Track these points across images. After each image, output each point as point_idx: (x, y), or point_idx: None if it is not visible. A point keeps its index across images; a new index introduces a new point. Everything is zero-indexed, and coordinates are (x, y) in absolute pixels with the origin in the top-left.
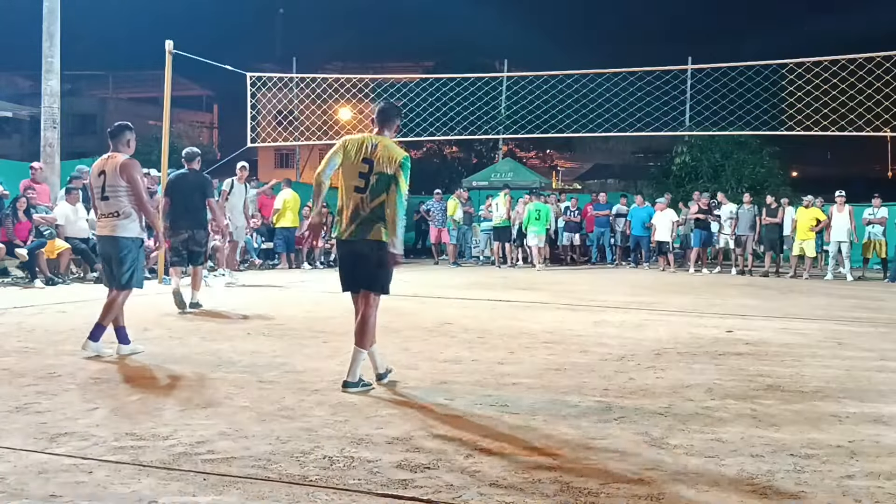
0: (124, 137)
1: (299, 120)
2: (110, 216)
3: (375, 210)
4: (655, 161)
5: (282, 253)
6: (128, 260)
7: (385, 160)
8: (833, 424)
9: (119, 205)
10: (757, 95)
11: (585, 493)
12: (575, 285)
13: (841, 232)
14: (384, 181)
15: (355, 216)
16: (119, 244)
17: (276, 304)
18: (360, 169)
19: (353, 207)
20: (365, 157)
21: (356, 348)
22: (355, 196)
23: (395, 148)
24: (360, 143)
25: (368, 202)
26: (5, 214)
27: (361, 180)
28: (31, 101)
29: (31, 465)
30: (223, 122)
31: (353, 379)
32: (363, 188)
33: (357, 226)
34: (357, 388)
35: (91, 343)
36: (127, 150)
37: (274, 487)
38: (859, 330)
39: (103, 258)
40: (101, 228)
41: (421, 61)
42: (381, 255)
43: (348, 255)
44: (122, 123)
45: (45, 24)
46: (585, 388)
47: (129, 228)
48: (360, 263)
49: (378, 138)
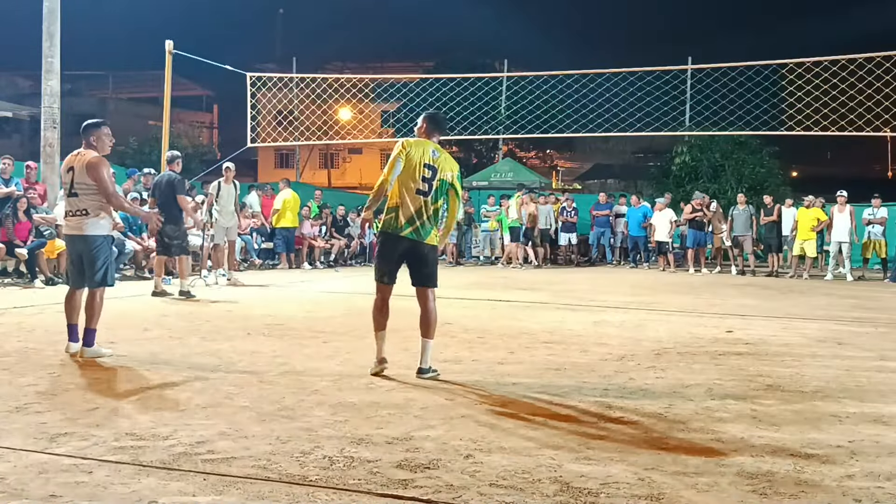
0: (91, 135)
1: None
2: (79, 214)
3: (435, 214)
4: (655, 161)
5: (282, 253)
6: (100, 258)
7: (447, 168)
8: (833, 424)
9: (87, 202)
10: (757, 95)
11: (585, 493)
12: (575, 285)
13: (842, 232)
14: (444, 187)
15: (416, 217)
16: (89, 242)
17: (276, 304)
18: (424, 173)
19: (414, 209)
20: (427, 162)
21: (424, 339)
22: (418, 198)
23: (451, 159)
24: (422, 148)
25: (431, 205)
26: (5, 214)
27: (425, 184)
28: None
29: (31, 465)
30: (223, 122)
31: (425, 366)
32: (426, 192)
33: (417, 227)
34: (429, 374)
35: (87, 349)
36: (100, 147)
37: (274, 487)
38: (859, 330)
39: (72, 257)
40: (70, 227)
41: (421, 61)
42: (434, 256)
43: (399, 251)
44: (92, 121)
45: (45, 24)
46: (585, 388)
47: (98, 226)
48: (416, 263)
49: (436, 146)
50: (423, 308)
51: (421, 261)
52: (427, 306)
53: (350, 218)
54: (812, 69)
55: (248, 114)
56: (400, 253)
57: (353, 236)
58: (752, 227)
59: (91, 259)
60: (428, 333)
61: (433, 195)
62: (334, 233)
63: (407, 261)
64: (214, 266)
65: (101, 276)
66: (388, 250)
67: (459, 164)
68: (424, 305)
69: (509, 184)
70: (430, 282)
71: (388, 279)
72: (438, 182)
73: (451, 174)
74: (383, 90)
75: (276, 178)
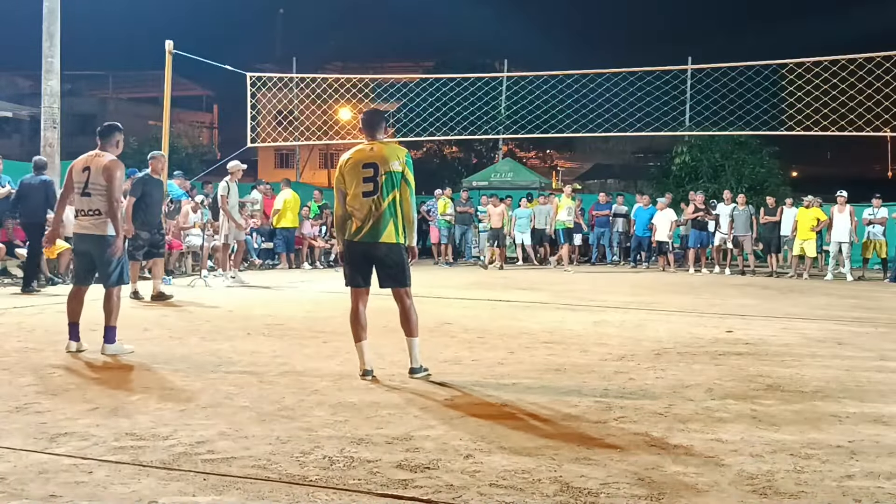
0: (113, 138)
1: (299, 120)
2: (92, 214)
3: (387, 209)
4: (655, 161)
5: (282, 253)
6: (114, 257)
7: (388, 158)
8: (833, 424)
9: (100, 203)
10: (757, 95)
11: (585, 493)
12: (575, 285)
13: (842, 232)
14: (394, 178)
15: (367, 218)
16: (101, 242)
17: (276, 304)
18: (365, 175)
19: (365, 211)
20: (366, 162)
21: (409, 338)
22: (366, 201)
23: (393, 146)
24: (356, 155)
25: (381, 202)
26: (5, 215)
27: (369, 184)
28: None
29: (32, 465)
30: (223, 122)
31: (416, 365)
32: (373, 191)
33: (370, 227)
34: (420, 373)
35: (108, 346)
36: (115, 150)
37: (274, 487)
38: (859, 330)
39: (81, 255)
40: (81, 227)
41: (421, 61)
42: (396, 255)
43: (360, 257)
44: (111, 123)
45: (45, 24)
46: (585, 388)
47: (111, 226)
48: (378, 265)
49: (373, 143)
50: (400, 308)
51: (381, 262)
52: (403, 305)
53: None
54: (812, 69)
55: (248, 114)
56: (360, 257)
57: None
58: (752, 227)
59: (106, 259)
60: (410, 332)
61: (382, 191)
62: (334, 233)
63: (373, 264)
64: (224, 266)
65: (118, 276)
66: (349, 256)
67: (459, 164)
68: (401, 305)
69: (509, 184)
70: (398, 282)
71: (354, 282)
72: (384, 176)
73: (398, 162)
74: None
75: (276, 178)
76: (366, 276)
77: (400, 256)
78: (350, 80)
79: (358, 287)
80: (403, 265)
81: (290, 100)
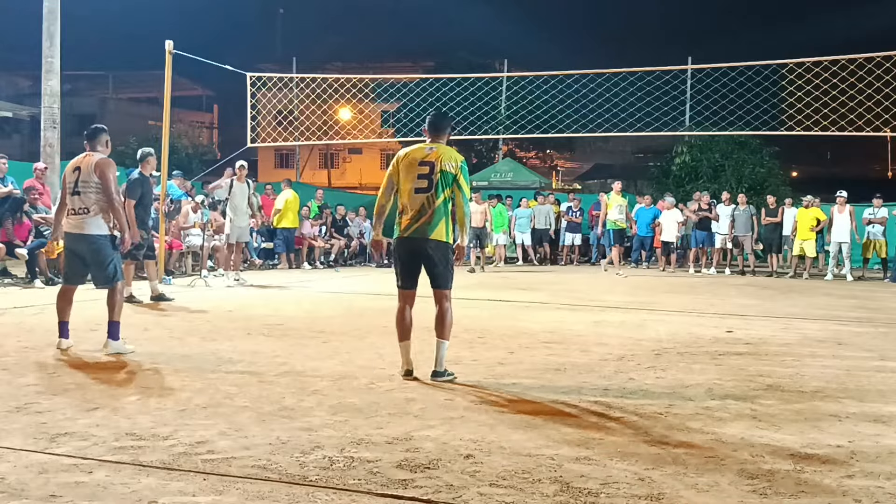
0: (101, 139)
1: (299, 120)
2: (80, 212)
3: (440, 207)
4: (655, 161)
5: (282, 253)
6: (106, 255)
7: (445, 160)
8: (833, 424)
9: (89, 201)
10: (757, 95)
11: (585, 493)
12: (575, 285)
13: (842, 232)
14: (448, 178)
15: (420, 215)
16: (90, 241)
17: (276, 304)
18: (420, 171)
19: (417, 207)
20: (423, 160)
21: (439, 340)
22: (419, 197)
23: (451, 151)
24: (414, 152)
25: (434, 199)
26: (5, 214)
27: (424, 181)
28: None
29: (32, 465)
30: (223, 122)
31: (440, 368)
32: (426, 188)
33: (421, 224)
34: (444, 377)
35: (112, 343)
36: (104, 150)
37: (274, 487)
38: (859, 330)
39: (71, 254)
40: (71, 225)
41: (421, 61)
42: (445, 254)
43: (410, 254)
44: (96, 126)
45: (46, 24)
46: (585, 388)
47: (99, 226)
48: (426, 263)
49: (433, 144)
50: (438, 309)
51: (429, 259)
52: (441, 307)
53: (349, 218)
54: (812, 69)
55: (249, 114)
56: (410, 255)
57: (352, 236)
58: (752, 228)
59: (98, 258)
60: (441, 333)
61: (435, 189)
62: (334, 233)
63: (421, 262)
64: (225, 266)
65: (113, 272)
66: (399, 255)
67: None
68: (439, 307)
69: (509, 184)
70: (441, 283)
71: (403, 283)
72: (439, 175)
73: (453, 165)
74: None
75: (276, 178)
76: (415, 278)
77: (447, 256)
78: (350, 80)
79: (407, 290)
80: (449, 266)
81: (290, 100)
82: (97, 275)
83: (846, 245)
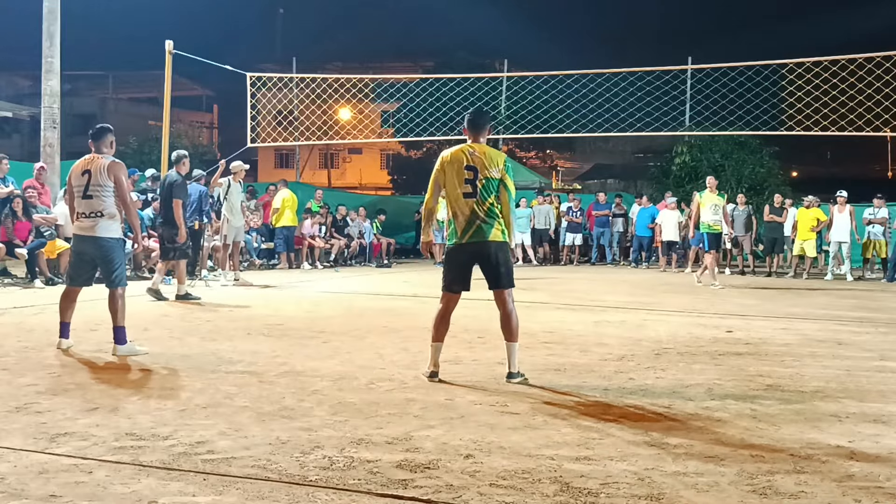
0: (106, 139)
1: (299, 120)
2: (93, 215)
3: (489, 211)
4: (655, 161)
5: (282, 253)
6: (115, 259)
7: (488, 163)
8: (833, 424)
9: (103, 204)
10: (757, 95)
11: (585, 493)
12: (575, 285)
13: (842, 232)
14: (492, 183)
15: (472, 221)
16: (103, 245)
17: (276, 303)
18: (466, 176)
19: (468, 212)
20: (467, 164)
21: (509, 343)
22: (467, 202)
23: (494, 151)
24: (458, 154)
25: (482, 204)
26: (5, 214)
27: (468, 186)
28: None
29: (32, 465)
30: (223, 122)
31: (514, 370)
32: (472, 193)
33: (476, 228)
34: (517, 378)
35: (120, 348)
36: (110, 151)
37: (274, 487)
38: (859, 330)
39: (80, 256)
40: (83, 228)
41: (421, 61)
42: (505, 253)
43: (468, 258)
44: (102, 126)
45: (45, 24)
46: (585, 388)
47: (112, 229)
48: (486, 265)
49: (475, 145)
50: (502, 311)
51: (488, 261)
52: (505, 309)
53: (350, 218)
54: (812, 69)
55: (248, 114)
56: (467, 260)
57: (352, 236)
58: (752, 227)
59: (108, 261)
60: (511, 336)
61: (480, 194)
62: (334, 233)
63: (479, 265)
64: (223, 266)
65: (120, 276)
66: (454, 261)
67: None
68: (503, 308)
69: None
70: (503, 282)
71: (454, 287)
72: (483, 181)
73: (497, 169)
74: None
75: (276, 178)
76: (467, 282)
77: (507, 256)
78: (350, 79)
79: (456, 293)
80: (510, 265)
81: (289, 100)
82: (105, 275)
83: (846, 245)
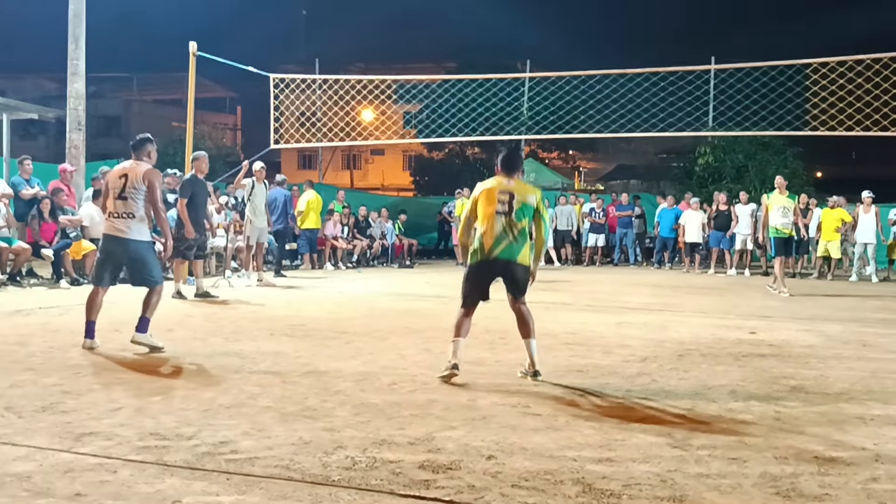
0: (145, 149)
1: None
2: (125, 216)
3: (522, 232)
4: (678, 162)
5: (305, 254)
6: (149, 261)
7: (526, 193)
8: (858, 427)
9: (135, 207)
10: (781, 95)
11: (608, 494)
12: (597, 286)
13: (867, 233)
14: (527, 208)
15: (502, 237)
16: (132, 246)
17: (299, 304)
18: (501, 198)
19: (499, 229)
20: (502, 189)
21: (527, 340)
22: (499, 218)
23: (530, 185)
24: (492, 184)
25: (515, 223)
26: (32, 216)
27: (504, 205)
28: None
29: (57, 465)
30: (246, 123)
31: (539, 367)
32: (507, 212)
33: (506, 245)
34: (539, 376)
35: (138, 335)
36: (149, 160)
37: (297, 487)
38: (884, 331)
39: (106, 256)
40: (113, 228)
41: (443, 62)
42: (525, 275)
43: (491, 272)
44: (143, 136)
45: (71, 27)
46: (608, 389)
47: (142, 231)
48: (509, 281)
49: (511, 179)
50: (517, 312)
51: (514, 279)
52: (520, 311)
53: (372, 219)
54: (836, 69)
55: (272, 115)
56: (491, 276)
57: (375, 237)
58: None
59: (142, 263)
60: (528, 333)
61: (516, 214)
62: (356, 234)
63: (502, 278)
64: (247, 267)
65: (157, 276)
66: (477, 277)
67: (481, 164)
68: (518, 311)
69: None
70: (520, 295)
71: (470, 302)
72: (519, 204)
73: (534, 198)
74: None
75: (299, 179)
76: (485, 295)
77: (527, 276)
78: (372, 81)
79: (472, 307)
80: (528, 282)
81: (312, 101)
82: (137, 276)
83: (871, 246)
